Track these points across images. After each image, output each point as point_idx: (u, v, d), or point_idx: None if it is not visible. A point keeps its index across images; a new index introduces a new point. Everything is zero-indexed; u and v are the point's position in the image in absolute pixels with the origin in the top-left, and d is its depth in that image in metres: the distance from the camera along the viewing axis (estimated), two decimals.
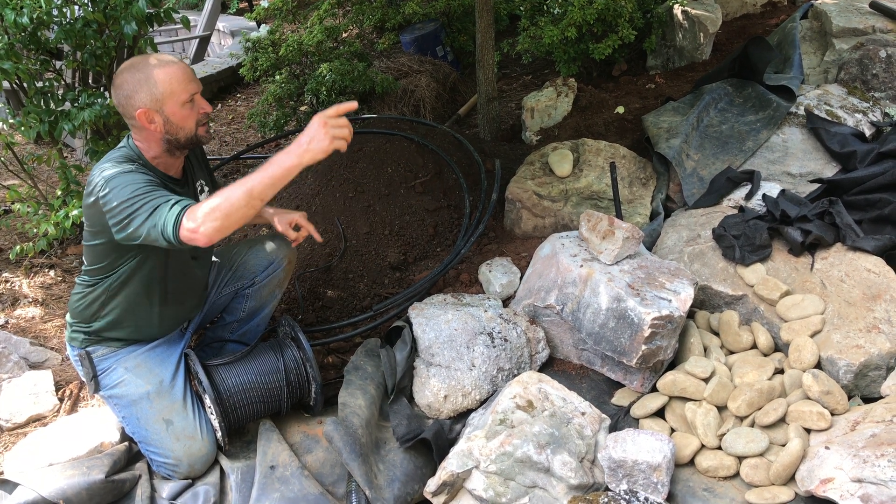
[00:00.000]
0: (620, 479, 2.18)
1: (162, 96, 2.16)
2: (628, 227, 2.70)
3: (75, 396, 2.77)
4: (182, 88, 2.19)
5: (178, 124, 2.21)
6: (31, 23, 2.94)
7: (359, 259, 3.48)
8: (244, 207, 1.93)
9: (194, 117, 2.24)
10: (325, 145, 1.93)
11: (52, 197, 3.50)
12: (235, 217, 1.94)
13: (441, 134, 4.11)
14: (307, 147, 1.93)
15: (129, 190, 2.03)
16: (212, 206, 1.92)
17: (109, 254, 2.26)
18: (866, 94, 3.75)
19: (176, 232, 1.95)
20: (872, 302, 2.54)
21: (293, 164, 1.94)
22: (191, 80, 2.22)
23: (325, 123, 1.93)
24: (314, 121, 1.95)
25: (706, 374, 2.46)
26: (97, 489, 2.22)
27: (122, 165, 2.13)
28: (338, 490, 2.35)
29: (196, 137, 2.28)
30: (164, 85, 2.16)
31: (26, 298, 3.44)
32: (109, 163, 2.15)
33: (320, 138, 1.93)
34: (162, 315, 2.45)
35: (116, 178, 2.07)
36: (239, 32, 7.79)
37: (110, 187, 2.06)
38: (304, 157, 1.94)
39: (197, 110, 2.25)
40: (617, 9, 4.36)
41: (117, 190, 2.04)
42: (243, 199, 1.92)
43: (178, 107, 2.19)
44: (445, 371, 2.58)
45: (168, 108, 2.18)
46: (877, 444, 1.98)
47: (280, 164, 1.94)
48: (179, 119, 2.20)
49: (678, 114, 3.83)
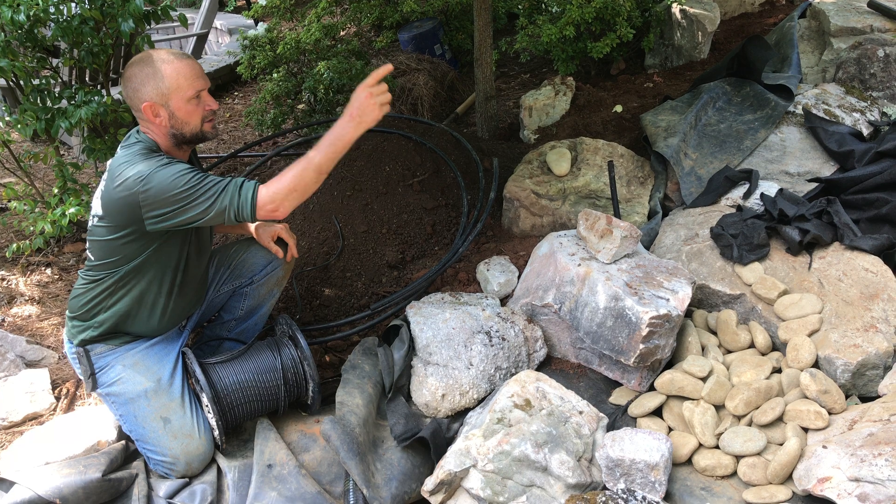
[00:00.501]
0: (618, 478, 2.18)
1: (168, 91, 2.20)
2: (626, 226, 2.70)
3: (72, 395, 2.76)
4: (188, 84, 2.22)
5: (182, 119, 2.24)
6: (27, 20, 2.93)
7: (356, 257, 3.48)
8: (314, 183, 2.16)
9: (200, 113, 2.27)
10: (377, 114, 2.14)
11: (48, 195, 3.49)
12: (309, 192, 2.17)
13: (439, 132, 4.11)
14: (360, 119, 2.13)
15: (177, 181, 2.11)
16: (289, 187, 2.13)
17: (129, 246, 2.27)
18: (864, 93, 3.76)
19: (253, 210, 2.14)
20: (870, 301, 2.54)
21: (353, 136, 2.15)
22: (198, 77, 2.25)
23: (371, 94, 2.12)
24: (359, 93, 2.12)
25: (704, 373, 2.46)
26: (94, 488, 2.21)
27: (151, 160, 2.17)
28: (335, 489, 2.35)
29: (202, 133, 2.30)
30: (170, 80, 2.20)
31: (23, 297, 3.43)
32: (136, 158, 2.18)
33: (371, 108, 2.13)
34: (166, 308, 2.44)
35: (156, 172, 2.12)
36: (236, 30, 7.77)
37: (153, 182, 2.11)
38: (359, 128, 2.15)
39: (203, 107, 2.27)
40: (615, 7, 4.36)
41: (164, 182, 2.10)
42: (313, 175, 2.14)
43: (184, 102, 2.22)
44: (443, 370, 2.58)
45: (174, 102, 2.22)
46: (874, 444, 1.98)
47: (340, 136, 2.13)
48: (184, 114, 2.24)
49: (676, 113, 3.82)
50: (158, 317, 2.44)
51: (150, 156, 2.20)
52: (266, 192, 2.13)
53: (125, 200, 2.14)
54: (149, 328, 2.45)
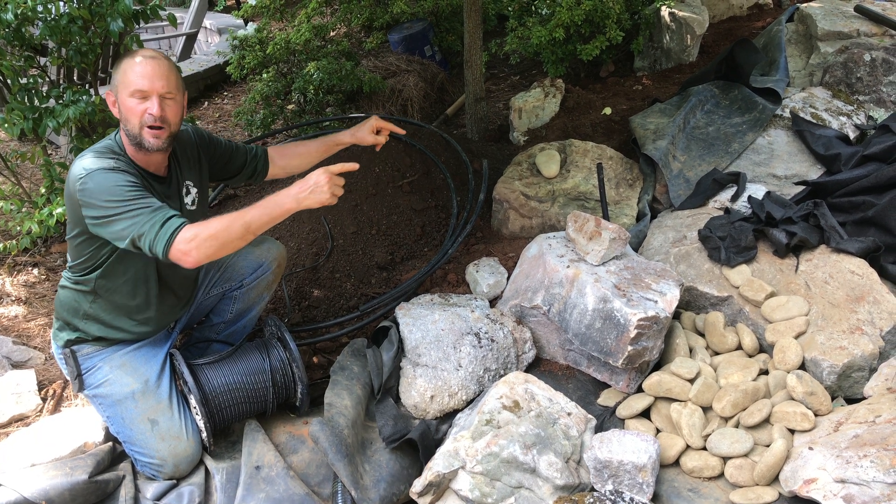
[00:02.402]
0: (606, 480, 2.19)
1: (118, 82, 2.20)
2: (615, 227, 2.71)
3: (58, 396, 2.74)
4: (136, 80, 2.16)
5: (124, 115, 2.20)
6: (15, 19, 2.91)
7: (346, 258, 3.47)
8: (239, 240, 2.06)
9: (138, 114, 2.17)
10: (325, 198, 2.10)
11: (35, 194, 3.47)
12: (229, 247, 2.06)
13: (429, 134, 4.11)
14: (308, 195, 2.08)
15: (114, 189, 2.05)
16: (210, 233, 2.00)
17: (89, 247, 2.25)
18: (851, 97, 3.78)
19: (167, 248, 2.00)
20: (856, 303, 2.56)
21: (292, 208, 2.09)
22: (146, 77, 2.16)
23: (330, 179, 2.09)
24: (321, 174, 2.09)
25: (691, 374, 2.48)
26: (80, 490, 2.20)
27: (103, 159, 2.13)
28: (323, 490, 2.34)
29: (140, 138, 2.19)
30: (124, 72, 2.18)
31: (9, 297, 3.40)
32: (91, 154, 2.17)
33: (323, 191, 2.09)
34: (147, 315, 2.43)
35: (98, 172, 2.08)
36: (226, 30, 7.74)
37: (91, 180, 2.07)
38: (303, 203, 2.09)
39: (143, 109, 2.17)
40: (604, 10, 4.38)
41: (99, 185, 2.05)
42: (240, 231, 2.05)
43: (126, 97, 2.18)
44: (432, 371, 2.58)
45: (120, 95, 2.20)
46: (860, 445, 1.99)
47: (280, 205, 2.07)
48: (125, 110, 2.20)
49: (665, 115, 3.84)
50: (139, 323, 2.43)
51: (105, 154, 2.16)
52: (188, 232, 2.01)
53: (68, 193, 2.14)
54: (132, 333, 2.44)
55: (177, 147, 2.44)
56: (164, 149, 2.24)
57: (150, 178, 2.29)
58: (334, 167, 2.14)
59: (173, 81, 2.22)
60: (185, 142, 2.50)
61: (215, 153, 2.62)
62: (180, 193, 2.44)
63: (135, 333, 2.44)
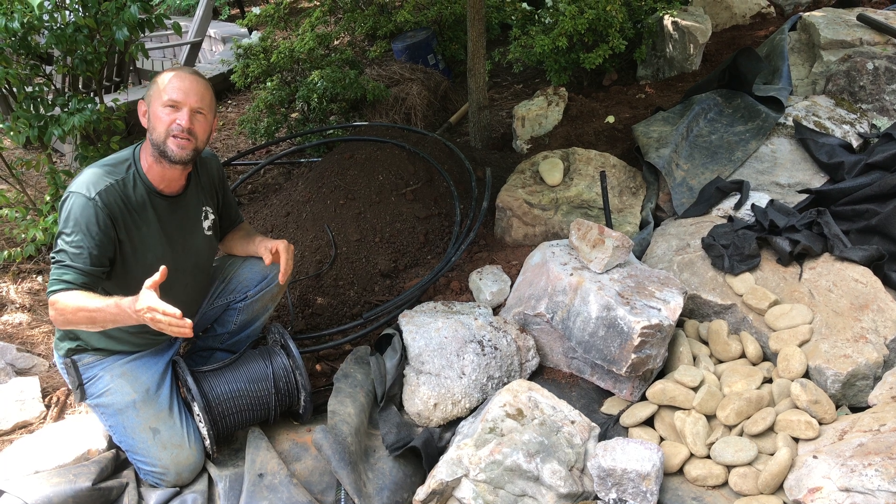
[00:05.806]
0: (609, 488, 2.18)
1: (153, 92, 2.27)
2: (618, 235, 2.71)
3: (62, 403, 2.74)
4: (168, 91, 2.24)
5: (153, 123, 2.26)
6: (21, 27, 2.93)
7: (349, 266, 3.47)
8: (84, 324, 2.15)
9: (167, 123, 2.23)
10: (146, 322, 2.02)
11: (40, 202, 3.48)
12: (75, 326, 2.18)
13: (432, 142, 4.12)
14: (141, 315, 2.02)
15: (75, 219, 2.17)
16: (66, 307, 2.10)
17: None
18: (854, 105, 3.79)
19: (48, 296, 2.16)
20: (860, 312, 2.56)
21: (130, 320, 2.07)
22: (182, 90, 2.24)
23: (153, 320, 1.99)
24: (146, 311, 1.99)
25: (695, 383, 2.47)
26: (84, 497, 2.20)
27: (105, 178, 2.23)
28: (326, 498, 2.34)
29: (164, 146, 2.24)
30: (158, 84, 2.26)
31: (13, 304, 3.41)
32: (100, 167, 2.26)
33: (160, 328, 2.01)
34: (142, 329, 2.41)
35: (79, 197, 2.18)
36: (230, 39, 7.77)
37: (71, 197, 2.20)
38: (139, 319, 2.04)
39: (172, 118, 2.23)
40: (608, 19, 4.39)
41: (71, 206, 2.19)
42: (85, 321, 2.13)
43: (159, 106, 2.25)
44: (435, 379, 2.58)
45: (152, 105, 2.27)
46: (864, 454, 1.99)
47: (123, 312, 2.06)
48: (154, 119, 2.26)
49: (668, 124, 3.85)
50: (140, 333, 2.42)
51: (112, 172, 2.26)
52: (55, 296, 2.12)
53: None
54: (133, 344, 2.44)
55: (201, 171, 2.51)
56: (186, 162, 2.29)
57: (156, 196, 2.33)
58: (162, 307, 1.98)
59: (207, 100, 2.30)
60: (210, 169, 2.57)
61: (225, 197, 2.68)
62: (198, 217, 2.50)
63: (136, 344, 2.45)
